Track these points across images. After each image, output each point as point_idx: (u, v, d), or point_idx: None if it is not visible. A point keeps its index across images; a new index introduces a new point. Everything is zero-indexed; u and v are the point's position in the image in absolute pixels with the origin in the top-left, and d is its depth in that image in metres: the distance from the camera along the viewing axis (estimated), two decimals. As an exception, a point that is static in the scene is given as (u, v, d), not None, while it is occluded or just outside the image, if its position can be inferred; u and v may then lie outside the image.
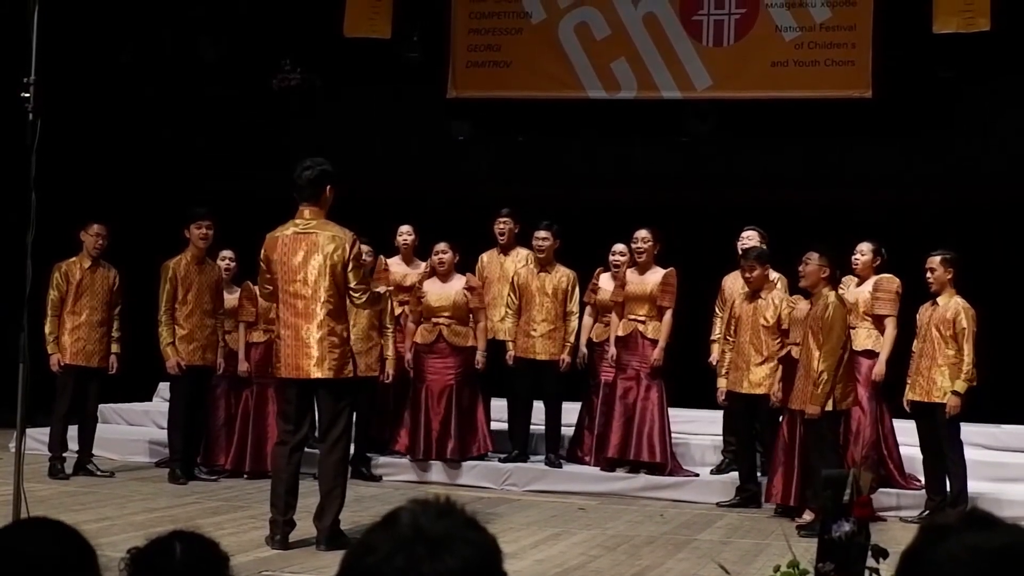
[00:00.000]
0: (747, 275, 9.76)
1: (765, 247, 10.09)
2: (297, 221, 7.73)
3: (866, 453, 9.57)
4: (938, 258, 9.32)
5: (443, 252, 10.65)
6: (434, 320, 10.66)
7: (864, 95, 12.74)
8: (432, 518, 1.67)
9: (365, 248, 9.09)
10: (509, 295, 10.90)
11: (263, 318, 10.62)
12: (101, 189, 13.42)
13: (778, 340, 9.62)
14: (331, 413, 7.74)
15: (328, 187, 7.76)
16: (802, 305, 9.37)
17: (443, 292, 10.62)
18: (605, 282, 10.88)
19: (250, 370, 10.67)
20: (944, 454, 9.23)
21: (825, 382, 8.69)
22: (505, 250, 11.26)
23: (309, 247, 7.60)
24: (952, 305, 9.23)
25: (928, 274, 9.34)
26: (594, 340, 10.89)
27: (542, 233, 10.78)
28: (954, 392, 9.10)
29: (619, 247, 10.85)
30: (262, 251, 7.86)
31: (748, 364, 9.68)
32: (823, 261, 8.94)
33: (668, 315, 10.42)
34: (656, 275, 10.48)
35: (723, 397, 9.95)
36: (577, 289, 10.80)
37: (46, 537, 2.16)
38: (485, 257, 11.35)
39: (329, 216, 7.80)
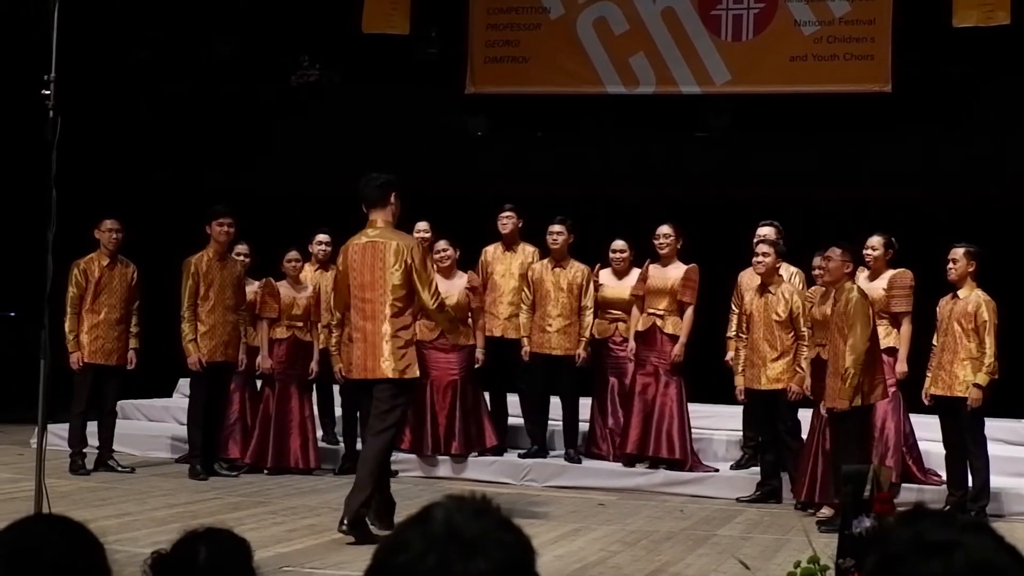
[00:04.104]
0: (758, 260, 9.70)
1: (782, 241, 10.05)
2: (368, 231, 8.15)
3: (892, 462, 9.47)
4: (962, 250, 9.28)
5: (443, 250, 10.66)
6: None
7: (883, 89, 12.70)
8: (467, 517, 1.65)
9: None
10: (524, 291, 10.90)
11: (286, 314, 10.66)
12: (121, 186, 13.47)
13: (791, 334, 9.59)
14: (387, 406, 8.03)
15: (393, 194, 8.20)
16: (819, 302, 9.31)
17: (445, 291, 10.58)
18: (605, 278, 10.87)
19: (273, 366, 10.70)
20: (967, 449, 9.19)
21: (852, 376, 8.63)
22: (509, 245, 11.24)
23: (377, 255, 8.05)
24: (973, 298, 9.19)
25: (950, 264, 9.28)
26: (596, 336, 10.87)
27: (556, 227, 10.77)
28: (976, 385, 9.05)
29: (618, 244, 10.84)
30: (339, 260, 8.35)
31: (764, 360, 9.65)
32: (845, 256, 8.91)
33: (689, 311, 10.41)
34: (678, 270, 10.47)
35: (742, 395, 9.93)
36: (592, 284, 10.78)
37: (54, 533, 2.15)
38: (490, 251, 11.29)
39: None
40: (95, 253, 10.49)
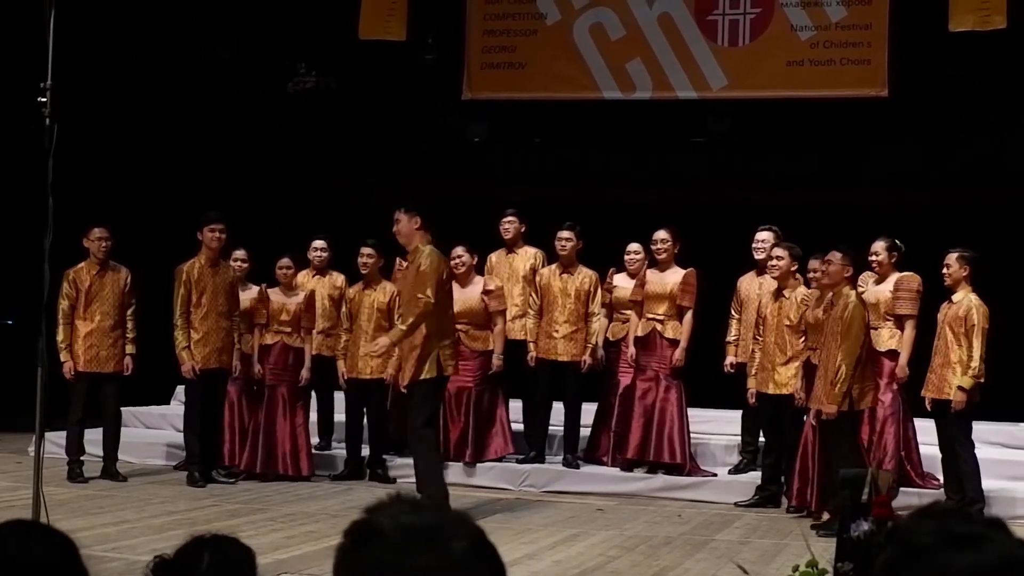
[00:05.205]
0: (773, 264, 9.69)
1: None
2: (433, 244, 8.99)
3: (891, 465, 9.46)
4: (955, 255, 9.30)
5: (460, 256, 10.64)
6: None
7: (880, 94, 12.70)
8: (414, 516, 1.62)
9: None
10: (531, 296, 10.91)
11: (274, 319, 10.65)
12: (116, 193, 13.45)
13: (802, 339, 9.59)
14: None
15: None
16: (814, 306, 9.33)
17: (461, 297, 10.54)
18: (620, 280, 10.89)
19: (261, 372, 10.69)
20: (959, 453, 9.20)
21: (843, 381, 8.65)
22: (511, 249, 11.26)
23: (446, 267, 9.21)
24: (965, 302, 9.20)
25: (944, 269, 9.32)
26: (611, 339, 10.89)
27: (565, 233, 10.78)
28: (960, 388, 9.04)
29: (633, 246, 10.86)
30: (438, 265, 8.91)
31: (774, 364, 9.66)
32: (846, 260, 8.92)
33: (689, 315, 10.41)
34: (676, 275, 10.47)
35: (753, 398, 9.92)
36: (599, 290, 10.79)
37: (28, 537, 2.14)
38: (494, 257, 11.32)
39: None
40: (85, 262, 10.45)
